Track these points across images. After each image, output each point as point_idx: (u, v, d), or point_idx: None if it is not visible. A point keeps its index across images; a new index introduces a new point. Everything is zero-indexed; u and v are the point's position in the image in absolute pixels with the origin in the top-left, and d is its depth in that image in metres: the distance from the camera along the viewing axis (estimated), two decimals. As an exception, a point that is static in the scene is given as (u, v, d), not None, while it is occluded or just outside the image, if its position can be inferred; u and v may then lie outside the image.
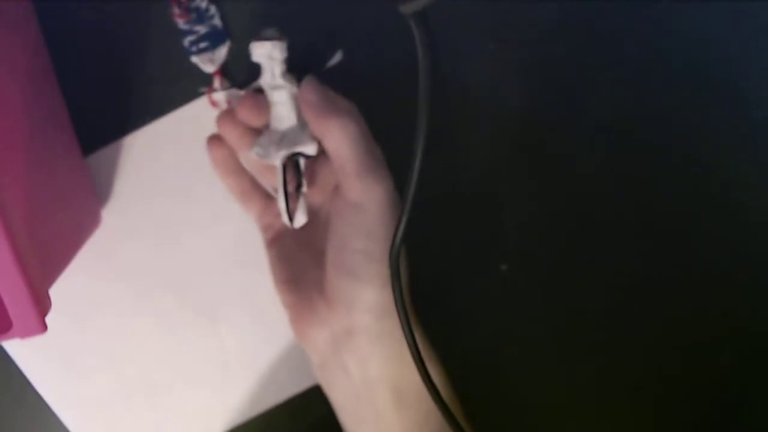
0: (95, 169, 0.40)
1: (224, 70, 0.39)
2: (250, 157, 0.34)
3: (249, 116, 0.32)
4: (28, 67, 0.35)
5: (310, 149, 0.31)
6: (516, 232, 0.41)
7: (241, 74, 0.39)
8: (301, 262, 0.34)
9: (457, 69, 0.40)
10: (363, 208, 0.30)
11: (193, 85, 0.39)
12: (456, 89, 0.40)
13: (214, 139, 0.35)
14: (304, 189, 0.32)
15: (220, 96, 0.35)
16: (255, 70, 0.33)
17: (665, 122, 0.41)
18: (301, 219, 0.33)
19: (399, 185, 0.31)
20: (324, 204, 0.34)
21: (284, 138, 0.32)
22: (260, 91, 0.33)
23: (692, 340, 0.42)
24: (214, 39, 0.39)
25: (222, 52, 0.39)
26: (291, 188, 0.32)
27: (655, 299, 0.42)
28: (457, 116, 0.40)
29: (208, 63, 0.39)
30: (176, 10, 0.39)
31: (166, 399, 0.42)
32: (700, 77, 0.41)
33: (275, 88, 0.31)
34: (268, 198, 0.36)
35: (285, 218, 0.32)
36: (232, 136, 0.34)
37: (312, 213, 0.34)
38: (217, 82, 0.39)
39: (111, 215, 0.40)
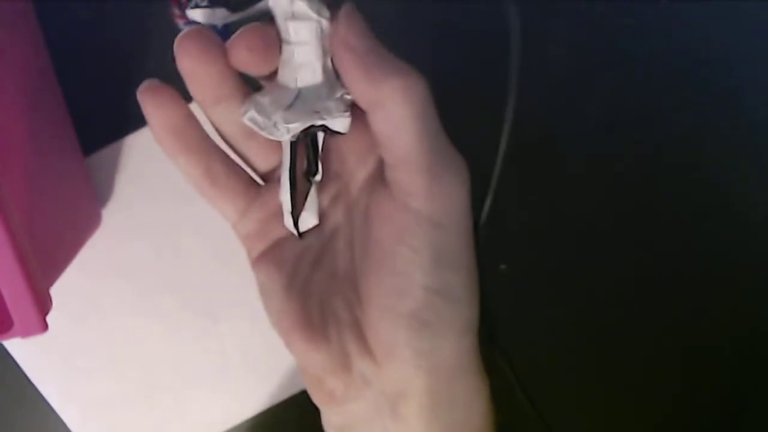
0: (96, 170, 0.40)
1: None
2: (228, 119, 0.22)
3: (249, 60, 0.20)
4: (28, 67, 0.35)
5: (340, 123, 0.20)
6: (516, 232, 0.41)
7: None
8: (315, 293, 0.23)
9: (456, 70, 0.40)
10: (435, 223, 0.20)
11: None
12: (456, 89, 0.40)
13: (158, 91, 0.22)
14: (318, 177, 0.22)
15: (196, 15, 0.21)
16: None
17: (665, 122, 0.41)
18: (309, 221, 0.23)
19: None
20: (340, 198, 0.24)
21: (299, 101, 0.20)
22: (267, 17, 0.21)
23: (692, 340, 0.42)
24: (214, 39, 0.39)
25: (222, 52, 0.39)
26: (299, 175, 0.22)
27: (655, 299, 0.42)
28: (457, 116, 0.40)
29: (208, 63, 0.39)
30: (176, 11, 0.39)
31: (166, 398, 0.42)
32: (700, 77, 0.41)
33: (293, 18, 0.20)
34: (252, 188, 0.24)
35: (288, 220, 0.22)
36: (207, 81, 0.21)
37: (320, 212, 0.24)
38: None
39: (111, 215, 0.40)
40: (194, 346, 0.41)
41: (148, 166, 0.40)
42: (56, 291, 0.29)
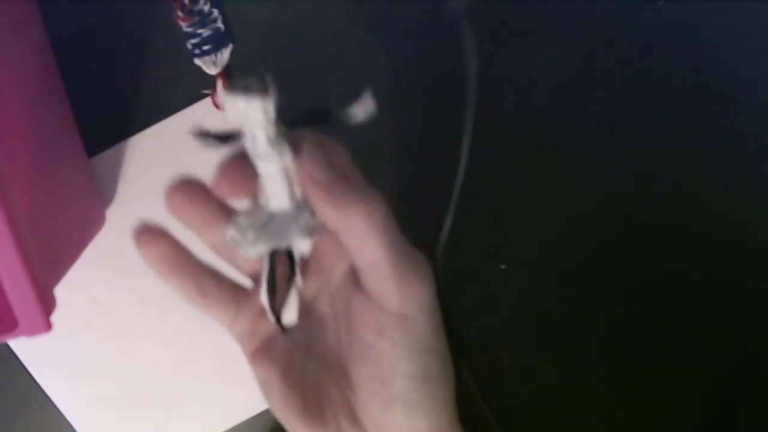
0: (100, 171, 0.40)
1: (227, 72, 0.40)
2: (214, 236, 0.26)
3: (231, 193, 0.24)
4: (33, 69, 0.35)
5: (304, 245, 0.24)
6: (516, 232, 0.41)
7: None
8: (311, 380, 0.25)
9: (456, 71, 0.41)
10: (409, 319, 0.23)
11: (197, 87, 0.40)
12: (454, 92, 0.40)
13: (149, 231, 0.26)
14: (299, 283, 0.25)
15: (199, 139, 0.24)
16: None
17: (665, 122, 0.42)
18: (291, 316, 0.25)
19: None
20: (322, 291, 0.26)
21: (271, 223, 0.24)
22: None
23: (692, 340, 0.42)
24: (217, 41, 0.39)
25: (225, 54, 0.40)
26: (280, 280, 0.25)
27: (655, 299, 0.42)
28: (457, 117, 0.41)
29: (211, 65, 0.40)
30: (179, 14, 0.39)
31: (168, 397, 0.42)
32: (699, 78, 0.41)
33: (259, 157, 0.23)
34: (239, 293, 0.27)
35: (271, 318, 0.25)
36: (194, 216, 0.25)
37: (306, 305, 0.26)
38: (220, 84, 0.39)
39: (115, 215, 0.40)
40: (197, 346, 0.42)
41: (152, 167, 0.40)
42: (60, 290, 0.30)
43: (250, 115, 0.21)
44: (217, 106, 0.40)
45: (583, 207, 0.42)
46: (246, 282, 0.27)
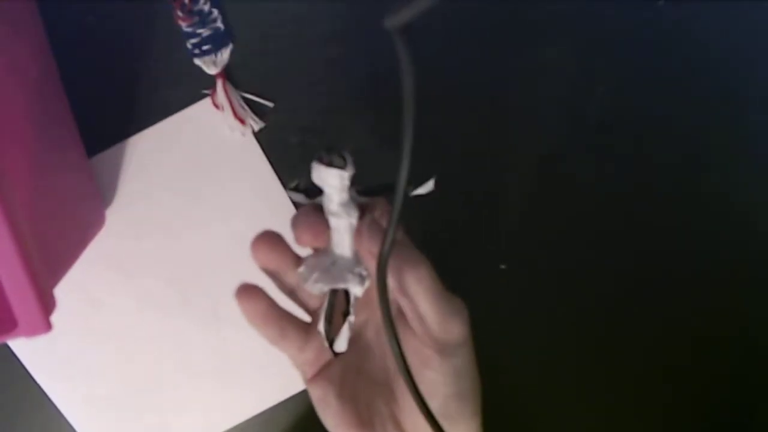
0: (99, 171, 0.40)
1: (227, 72, 0.40)
2: (285, 278, 0.31)
3: (308, 242, 0.29)
4: (33, 69, 0.35)
5: (357, 290, 0.29)
6: (516, 232, 0.42)
7: (246, 80, 0.40)
8: (361, 396, 0.30)
9: (456, 71, 0.41)
10: (450, 352, 0.28)
11: (197, 87, 0.40)
12: (454, 91, 0.40)
13: (248, 290, 0.30)
14: (352, 319, 0.30)
15: (294, 196, 0.30)
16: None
17: (665, 122, 0.42)
18: (342, 345, 0.30)
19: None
20: (369, 321, 0.32)
21: (333, 267, 0.29)
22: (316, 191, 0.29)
23: (692, 340, 0.42)
24: (216, 41, 0.39)
25: (225, 54, 0.40)
26: (336, 314, 0.30)
27: (655, 299, 0.42)
28: (456, 118, 0.41)
29: (211, 65, 0.40)
30: (179, 14, 0.39)
31: (168, 397, 0.42)
32: (699, 78, 0.41)
33: (332, 213, 0.28)
34: (305, 330, 0.31)
35: (325, 343, 0.30)
36: (272, 261, 0.30)
37: (355, 333, 0.31)
38: (220, 84, 0.39)
39: (115, 215, 0.40)
40: (196, 346, 0.42)
41: (152, 167, 0.40)
42: (60, 290, 0.30)
43: (329, 181, 0.26)
44: (216, 106, 0.40)
45: (583, 207, 0.42)
46: (307, 318, 0.31)
